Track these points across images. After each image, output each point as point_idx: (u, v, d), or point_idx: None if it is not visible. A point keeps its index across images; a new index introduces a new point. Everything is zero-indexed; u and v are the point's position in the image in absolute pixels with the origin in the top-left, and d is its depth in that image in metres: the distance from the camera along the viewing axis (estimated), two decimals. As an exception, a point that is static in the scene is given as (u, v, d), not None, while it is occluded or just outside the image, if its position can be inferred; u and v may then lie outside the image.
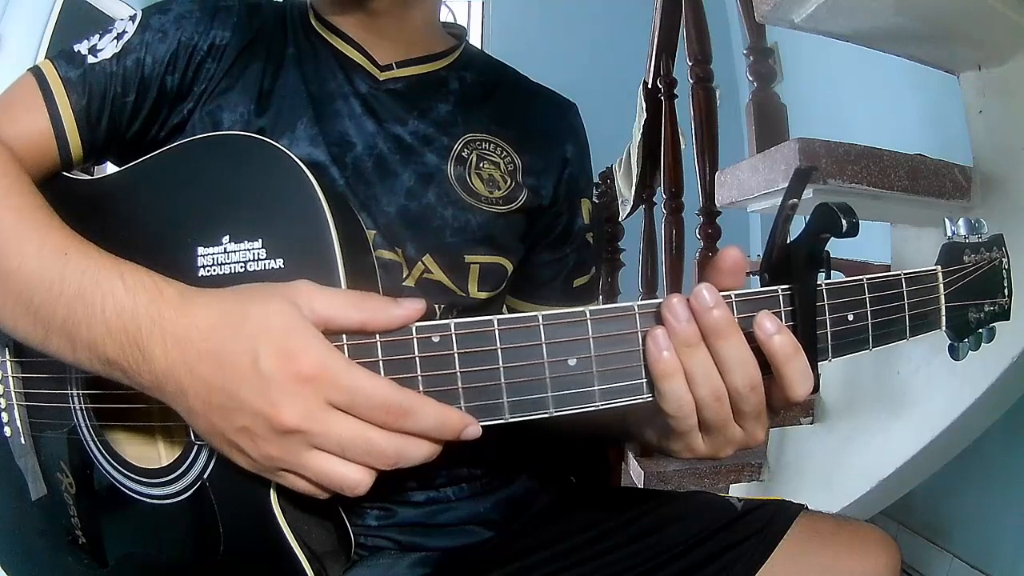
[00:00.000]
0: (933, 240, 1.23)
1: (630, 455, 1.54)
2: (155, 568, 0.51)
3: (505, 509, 0.67)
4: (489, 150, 0.65)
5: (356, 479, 0.39)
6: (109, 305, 0.41)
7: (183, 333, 0.39)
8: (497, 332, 0.40)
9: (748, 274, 0.45)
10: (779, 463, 1.52)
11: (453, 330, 0.40)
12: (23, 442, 0.56)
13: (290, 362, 0.38)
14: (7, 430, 0.56)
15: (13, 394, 0.56)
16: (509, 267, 0.65)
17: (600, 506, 0.65)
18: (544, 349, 0.40)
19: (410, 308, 0.40)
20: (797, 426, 1.45)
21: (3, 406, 0.56)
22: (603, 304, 0.42)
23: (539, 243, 0.69)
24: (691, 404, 0.41)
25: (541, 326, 0.40)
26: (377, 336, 0.40)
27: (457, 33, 0.72)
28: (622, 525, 0.61)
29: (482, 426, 0.41)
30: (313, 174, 0.45)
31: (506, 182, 0.64)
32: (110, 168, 0.56)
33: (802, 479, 1.46)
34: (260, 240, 0.45)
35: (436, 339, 0.40)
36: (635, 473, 1.51)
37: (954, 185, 1.10)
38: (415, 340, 0.40)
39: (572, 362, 0.40)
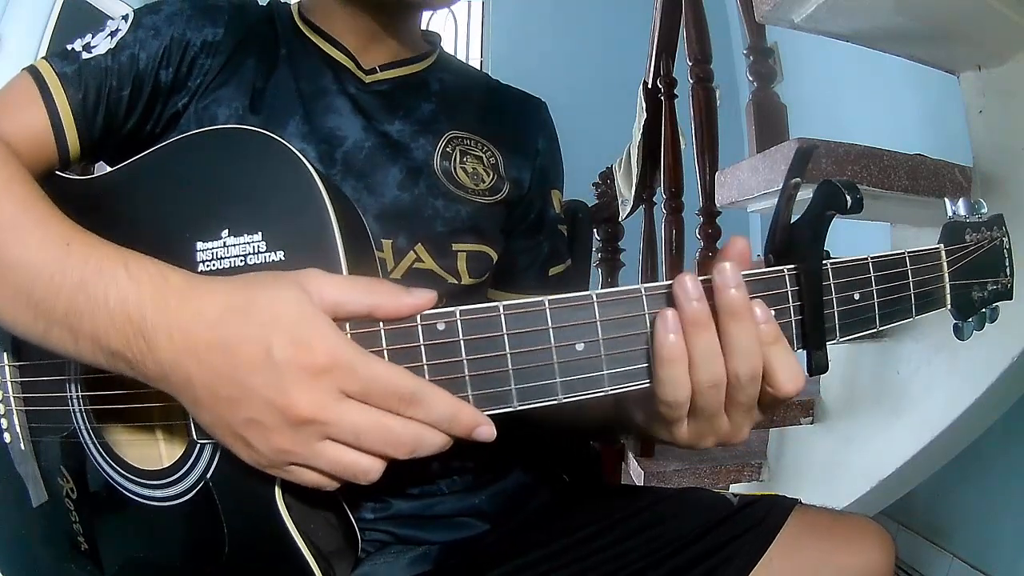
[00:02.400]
0: (933, 240, 1.23)
1: (630, 455, 1.54)
2: (160, 572, 0.50)
3: (498, 502, 0.67)
4: (471, 146, 0.68)
5: (367, 465, 0.39)
6: (112, 294, 0.40)
7: (189, 322, 0.39)
8: (503, 318, 0.39)
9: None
10: (779, 463, 1.52)
11: (458, 316, 0.39)
12: (23, 448, 0.55)
13: (304, 352, 0.37)
14: (7, 436, 0.56)
15: (12, 399, 0.55)
16: (493, 255, 0.68)
17: (597, 503, 0.65)
18: (551, 334, 0.40)
19: (420, 297, 0.40)
20: (797, 426, 1.45)
21: (2, 412, 0.56)
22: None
23: (515, 231, 0.72)
24: (687, 393, 0.40)
25: (547, 311, 0.40)
26: (381, 325, 0.40)
27: (432, 40, 0.75)
28: (619, 522, 0.61)
29: (488, 415, 0.40)
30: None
31: (489, 176, 0.68)
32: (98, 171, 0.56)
33: (802, 479, 1.46)
34: (260, 233, 0.44)
35: (441, 327, 0.40)
36: (635, 473, 1.51)
37: (954, 185, 1.10)
38: (420, 328, 0.40)
39: (580, 347, 0.40)
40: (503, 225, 0.70)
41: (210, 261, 0.45)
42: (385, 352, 0.40)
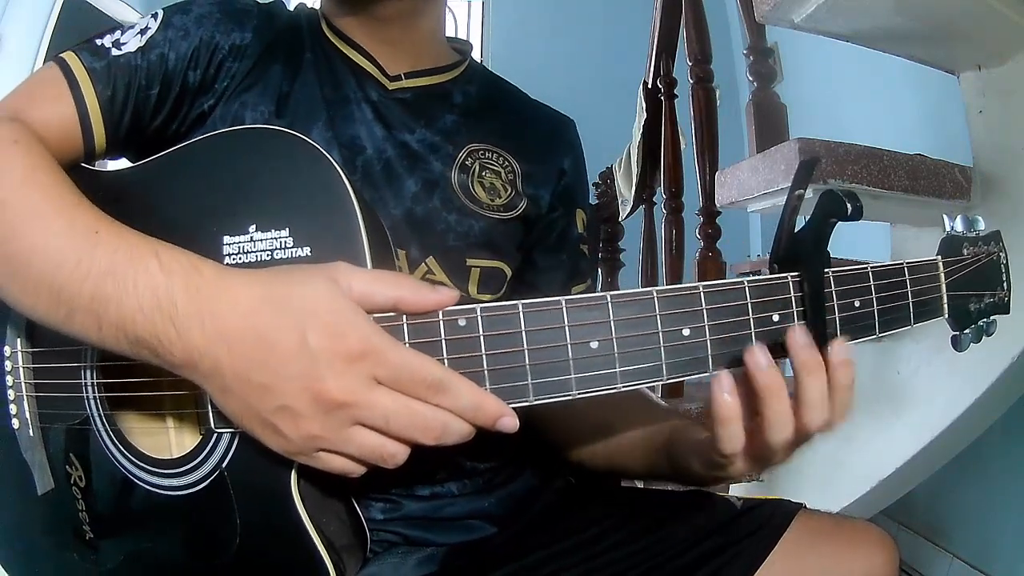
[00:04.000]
0: (933, 240, 1.22)
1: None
2: (165, 563, 0.51)
3: (507, 505, 0.67)
4: (491, 159, 0.67)
5: (394, 449, 0.40)
6: (143, 283, 0.40)
7: (223, 311, 0.39)
8: (522, 315, 0.41)
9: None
10: (779, 463, 1.51)
11: (479, 313, 0.41)
12: (31, 434, 0.55)
13: (339, 340, 0.38)
14: (15, 422, 0.56)
15: (23, 385, 0.55)
16: (508, 271, 0.67)
17: (601, 505, 0.65)
18: (567, 332, 0.41)
19: (445, 294, 0.41)
20: (797, 426, 1.45)
21: (12, 398, 0.55)
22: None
23: (536, 248, 0.71)
24: (742, 444, 0.44)
25: (564, 309, 0.41)
26: (404, 319, 0.41)
27: (463, 49, 0.74)
28: (623, 523, 0.61)
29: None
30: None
31: (507, 190, 0.67)
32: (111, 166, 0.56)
33: (802, 479, 1.46)
34: (287, 228, 0.45)
35: (462, 322, 0.41)
36: (635, 473, 1.50)
37: (954, 185, 1.10)
38: (441, 323, 0.41)
39: (594, 345, 0.42)
40: (521, 242, 0.69)
41: (236, 255, 0.46)
42: (408, 345, 0.41)
